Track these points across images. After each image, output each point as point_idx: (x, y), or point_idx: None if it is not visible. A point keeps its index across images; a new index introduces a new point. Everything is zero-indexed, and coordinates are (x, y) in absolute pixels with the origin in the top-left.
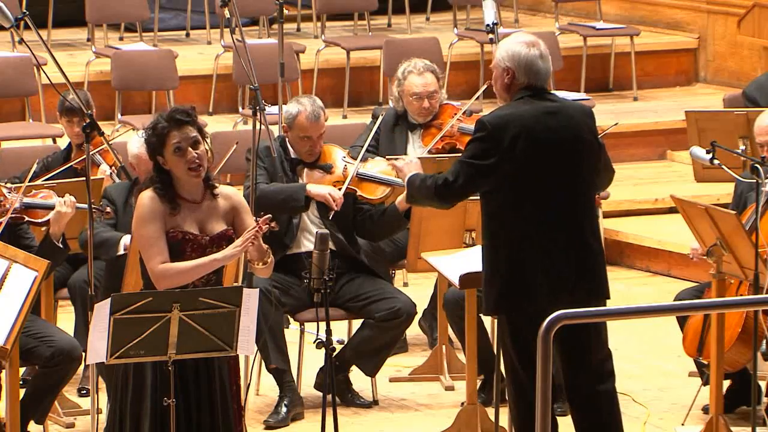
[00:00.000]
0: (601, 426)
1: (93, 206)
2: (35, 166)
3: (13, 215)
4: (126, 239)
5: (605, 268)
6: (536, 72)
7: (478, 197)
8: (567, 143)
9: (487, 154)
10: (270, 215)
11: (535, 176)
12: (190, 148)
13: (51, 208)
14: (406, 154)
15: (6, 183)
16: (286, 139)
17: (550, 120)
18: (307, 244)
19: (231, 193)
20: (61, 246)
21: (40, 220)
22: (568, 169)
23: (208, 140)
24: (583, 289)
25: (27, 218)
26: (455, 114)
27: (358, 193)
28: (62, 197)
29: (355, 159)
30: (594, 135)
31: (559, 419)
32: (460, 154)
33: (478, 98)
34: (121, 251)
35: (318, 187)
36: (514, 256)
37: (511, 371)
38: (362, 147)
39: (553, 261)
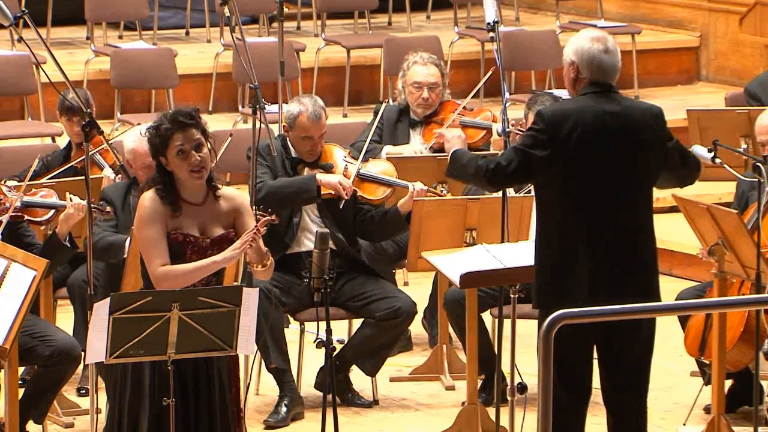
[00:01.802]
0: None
1: (93, 206)
2: (35, 164)
3: (13, 214)
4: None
5: (656, 271)
6: (599, 66)
7: (481, 196)
8: (623, 144)
9: (541, 145)
10: (269, 217)
11: (587, 175)
12: (193, 151)
13: (51, 206)
14: None
15: (5, 182)
16: (287, 138)
17: (609, 119)
18: (308, 244)
19: (234, 195)
20: (69, 245)
21: (39, 219)
22: (622, 170)
23: (211, 141)
24: (628, 292)
25: (27, 217)
26: (456, 109)
27: (359, 193)
28: (70, 198)
29: (356, 159)
30: (658, 137)
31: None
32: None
33: (477, 97)
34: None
35: (328, 176)
36: (561, 253)
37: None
38: (364, 144)
39: (599, 261)
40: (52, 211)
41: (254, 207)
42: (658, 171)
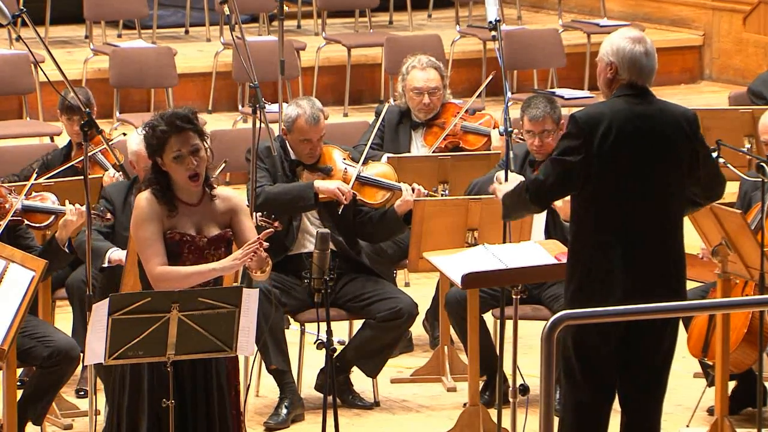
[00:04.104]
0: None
1: (93, 212)
2: (36, 165)
3: (13, 218)
4: (113, 253)
5: (685, 277)
6: (639, 69)
7: (483, 196)
8: (656, 148)
9: (576, 150)
10: (271, 227)
11: (621, 178)
12: (190, 156)
13: (51, 212)
14: (409, 152)
15: (4, 182)
16: (286, 141)
17: (643, 121)
18: (308, 245)
19: (230, 195)
20: (67, 251)
21: (39, 225)
22: (654, 174)
23: (208, 141)
24: (661, 293)
25: (26, 221)
26: (458, 113)
27: (359, 197)
28: (69, 203)
29: (356, 161)
30: (691, 141)
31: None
32: (462, 153)
33: (479, 96)
34: (106, 264)
35: (326, 183)
36: (594, 256)
37: (566, 374)
38: (365, 147)
39: (630, 266)
40: (52, 217)
41: (255, 213)
42: (689, 174)
